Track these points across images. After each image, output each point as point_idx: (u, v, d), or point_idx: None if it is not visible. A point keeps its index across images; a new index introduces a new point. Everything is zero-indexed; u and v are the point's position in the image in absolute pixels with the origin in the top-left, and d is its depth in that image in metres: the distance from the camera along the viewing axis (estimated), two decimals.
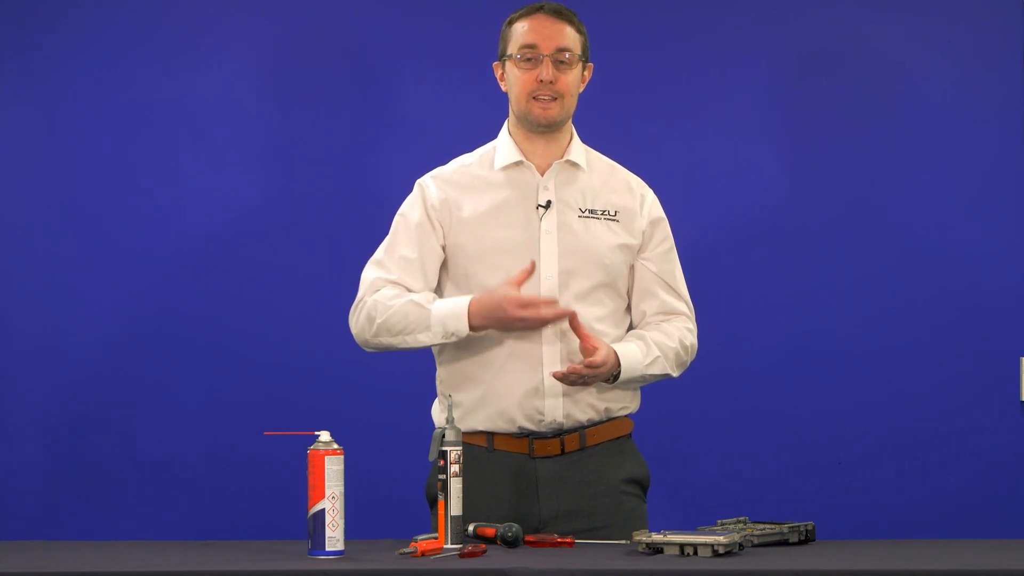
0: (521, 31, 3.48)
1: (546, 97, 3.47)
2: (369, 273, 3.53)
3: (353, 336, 3.52)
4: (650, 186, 3.62)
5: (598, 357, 3.38)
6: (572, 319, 3.39)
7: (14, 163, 4.58)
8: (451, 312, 3.42)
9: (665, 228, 3.59)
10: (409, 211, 3.55)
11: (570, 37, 3.48)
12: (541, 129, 3.50)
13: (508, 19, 3.53)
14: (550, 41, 3.46)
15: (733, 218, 4.57)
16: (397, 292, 3.48)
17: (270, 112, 4.58)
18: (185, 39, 4.57)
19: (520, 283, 3.39)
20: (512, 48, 3.49)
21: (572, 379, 3.40)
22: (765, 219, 4.58)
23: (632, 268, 3.56)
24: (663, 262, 3.56)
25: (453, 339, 3.43)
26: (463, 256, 3.50)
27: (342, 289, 4.44)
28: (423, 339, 3.45)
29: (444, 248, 3.52)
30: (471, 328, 3.41)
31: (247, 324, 4.55)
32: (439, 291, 3.53)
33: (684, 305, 3.58)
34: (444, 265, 3.53)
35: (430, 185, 3.55)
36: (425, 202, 3.53)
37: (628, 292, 3.57)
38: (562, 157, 3.53)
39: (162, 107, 4.56)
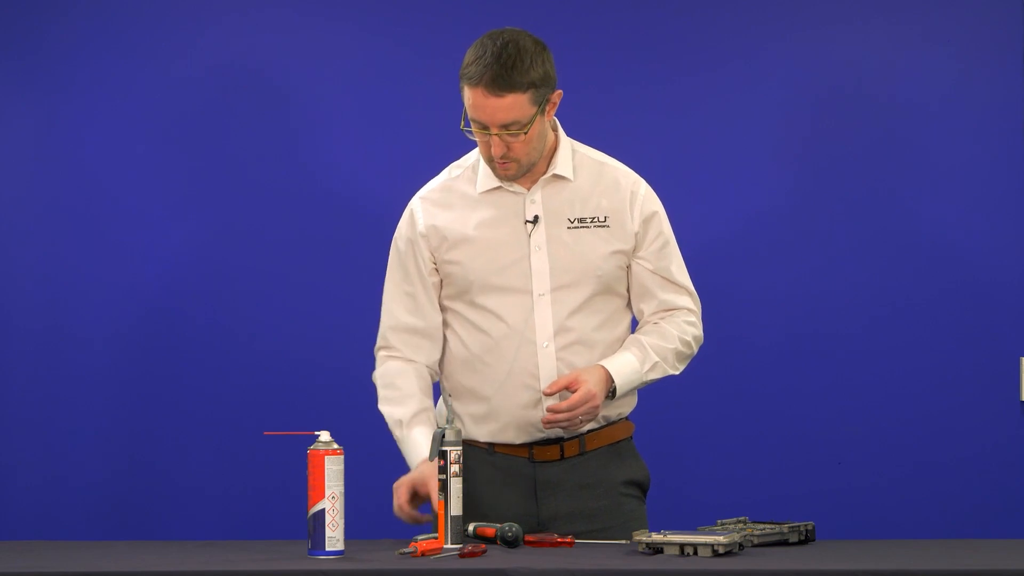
0: (467, 100, 3.35)
1: (502, 162, 3.40)
2: (382, 318, 3.55)
3: None
4: (653, 188, 3.56)
5: (574, 399, 3.36)
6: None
7: (14, 163, 4.59)
8: (409, 457, 3.46)
9: (659, 223, 3.52)
10: (401, 241, 3.54)
11: (515, 108, 3.33)
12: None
13: (460, 70, 3.36)
14: (492, 118, 3.33)
15: (732, 218, 4.57)
16: (391, 380, 3.50)
17: (271, 112, 4.58)
18: (185, 39, 4.57)
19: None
20: (466, 109, 3.37)
21: (563, 425, 3.40)
22: (764, 219, 4.57)
23: (628, 268, 3.53)
24: (659, 259, 3.52)
25: None
26: (458, 277, 3.49)
27: (343, 290, 4.46)
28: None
29: (436, 270, 3.51)
30: None
31: (247, 324, 4.55)
32: (449, 311, 3.53)
33: (685, 296, 3.54)
34: (444, 286, 3.52)
35: (418, 213, 3.52)
36: (414, 229, 3.51)
37: (627, 289, 3.55)
38: (547, 171, 3.49)
39: (161, 107, 4.56)
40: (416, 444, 3.43)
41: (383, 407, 3.52)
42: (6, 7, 4.56)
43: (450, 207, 3.51)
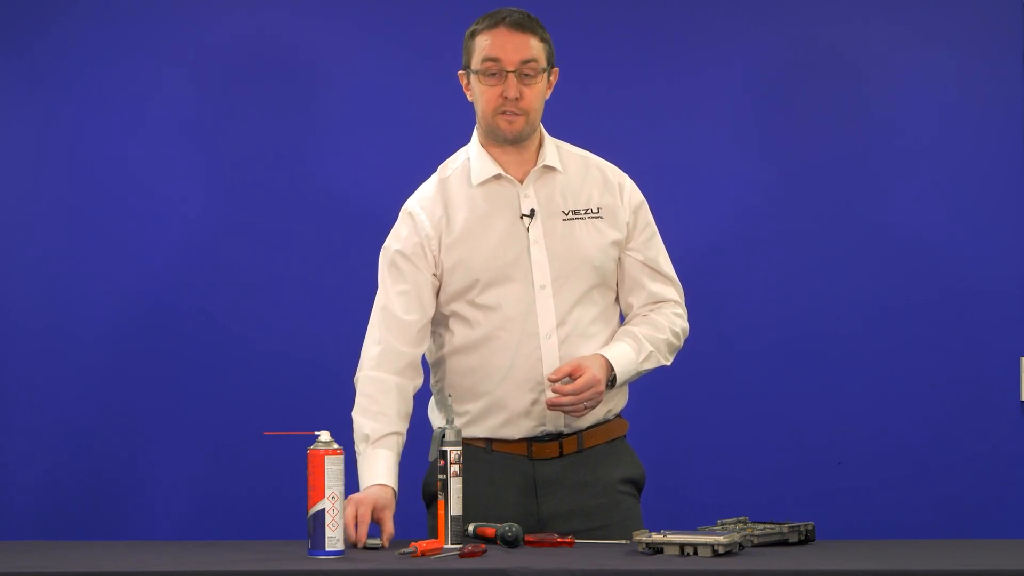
0: (483, 44, 3.43)
1: (512, 112, 3.44)
2: (373, 319, 3.52)
3: None
4: (641, 188, 3.60)
5: (580, 383, 3.37)
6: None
7: (14, 163, 4.58)
8: (362, 475, 3.38)
9: (646, 213, 3.57)
10: (395, 246, 3.52)
11: (534, 48, 3.43)
12: (508, 143, 3.49)
13: (470, 30, 3.48)
14: (513, 55, 3.42)
15: (734, 218, 4.57)
16: (372, 393, 3.44)
17: (270, 112, 4.58)
18: (184, 38, 4.56)
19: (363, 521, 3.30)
20: (475, 62, 3.45)
21: (568, 409, 3.40)
22: (765, 218, 4.58)
23: (619, 259, 3.56)
24: (647, 249, 3.56)
25: None
26: (461, 275, 3.49)
27: (343, 289, 4.46)
28: None
29: (437, 274, 3.51)
30: None
31: (247, 324, 4.55)
32: (448, 309, 3.52)
33: (671, 288, 3.57)
34: (445, 285, 3.51)
35: (418, 212, 3.52)
36: (418, 232, 3.51)
37: (616, 283, 3.57)
38: (536, 163, 3.51)
39: (161, 107, 4.56)
40: (375, 465, 3.37)
41: (356, 415, 3.45)
42: (6, 7, 4.56)
43: (447, 206, 3.52)
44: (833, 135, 4.57)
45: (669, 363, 3.56)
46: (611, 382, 3.45)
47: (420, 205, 3.54)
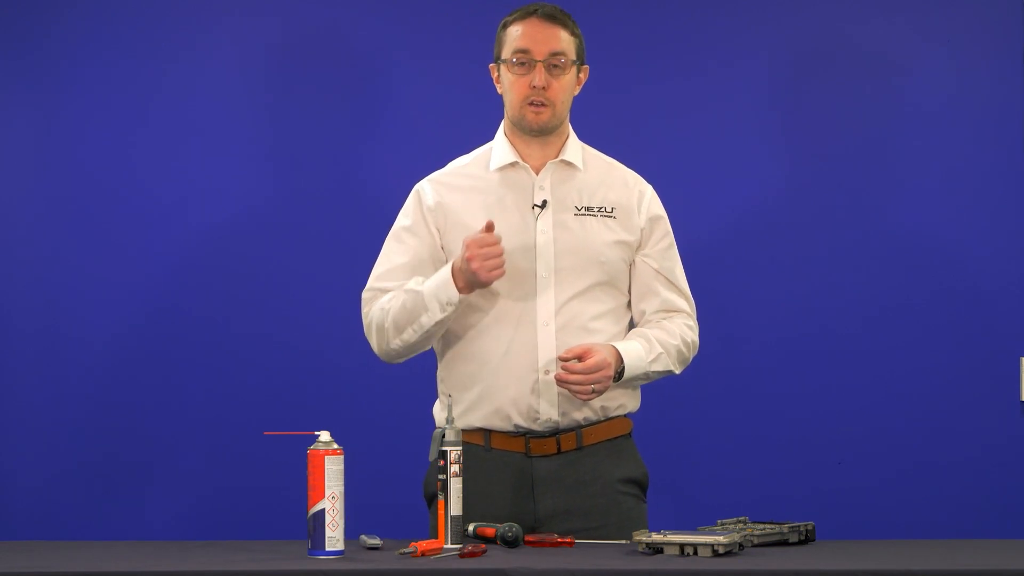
0: (515, 35, 3.49)
1: (539, 102, 3.48)
2: (366, 291, 3.57)
3: (377, 356, 3.57)
4: (649, 184, 3.62)
5: (591, 362, 3.38)
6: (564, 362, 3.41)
7: (14, 163, 4.59)
8: (439, 283, 3.43)
9: (665, 224, 3.59)
10: (403, 217, 3.58)
11: (564, 41, 3.49)
12: (534, 133, 3.51)
13: (503, 21, 3.54)
14: (543, 46, 3.47)
15: (733, 217, 4.58)
16: (392, 295, 3.51)
17: (270, 111, 4.58)
18: (185, 39, 4.57)
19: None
20: (506, 52, 3.50)
21: (576, 388, 3.40)
22: (765, 218, 4.58)
23: (632, 265, 3.57)
24: (664, 259, 3.57)
25: (451, 309, 3.42)
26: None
27: (343, 289, 4.45)
28: (426, 321, 3.45)
29: (443, 248, 3.53)
30: (459, 290, 3.41)
31: (247, 324, 4.55)
32: None
33: (685, 301, 3.59)
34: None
35: (426, 189, 3.57)
36: (421, 206, 3.55)
37: (628, 289, 3.58)
38: (557, 157, 3.54)
39: (162, 107, 4.56)
40: (435, 276, 3.44)
41: (390, 317, 3.47)
42: (6, 7, 4.56)
43: (457, 189, 3.56)
44: (832, 136, 4.57)
45: (678, 372, 3.56)
46: (619, 374, 3.45)
47: (428, 182, 3.59)
